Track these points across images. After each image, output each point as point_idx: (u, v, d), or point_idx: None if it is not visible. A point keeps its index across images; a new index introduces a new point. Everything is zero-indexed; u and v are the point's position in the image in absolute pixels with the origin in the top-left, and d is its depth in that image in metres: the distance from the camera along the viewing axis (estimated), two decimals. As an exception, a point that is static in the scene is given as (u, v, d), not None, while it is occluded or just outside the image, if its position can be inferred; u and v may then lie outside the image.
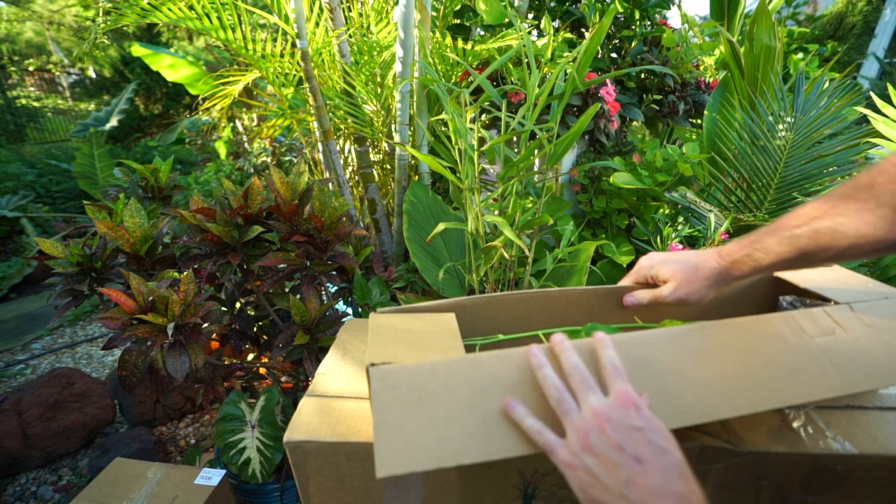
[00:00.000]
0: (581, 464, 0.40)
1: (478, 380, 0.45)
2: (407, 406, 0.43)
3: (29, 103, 6.06)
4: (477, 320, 0.66)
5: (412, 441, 0.41)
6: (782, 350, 0.50)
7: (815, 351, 0.50)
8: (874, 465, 0.49)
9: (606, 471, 0.39)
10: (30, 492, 1.58)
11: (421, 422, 0.42)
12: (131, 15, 1.54)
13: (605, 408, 0.42)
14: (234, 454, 1.23)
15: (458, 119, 1.14)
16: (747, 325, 0.52)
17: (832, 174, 1.59)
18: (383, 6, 1.87)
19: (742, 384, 0.47)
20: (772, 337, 0.51)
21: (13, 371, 2.26)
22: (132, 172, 1.62)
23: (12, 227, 3.45)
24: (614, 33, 1.96)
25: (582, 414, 0.42)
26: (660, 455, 0.39)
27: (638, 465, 0.39)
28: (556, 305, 0.67)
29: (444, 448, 0.41)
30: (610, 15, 1.13)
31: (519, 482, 0.54)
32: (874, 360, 0.49)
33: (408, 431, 0.41)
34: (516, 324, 0.67)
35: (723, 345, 0.49)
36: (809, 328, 0.52)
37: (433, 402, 0.43)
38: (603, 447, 0.40)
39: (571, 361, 0.46)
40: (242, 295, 1.43)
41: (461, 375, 0.45)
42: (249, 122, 4.07)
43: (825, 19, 5.46)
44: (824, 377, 0.48)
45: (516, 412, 0.43)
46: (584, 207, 1.89)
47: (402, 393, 0.43)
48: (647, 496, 0.37)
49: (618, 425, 0.41)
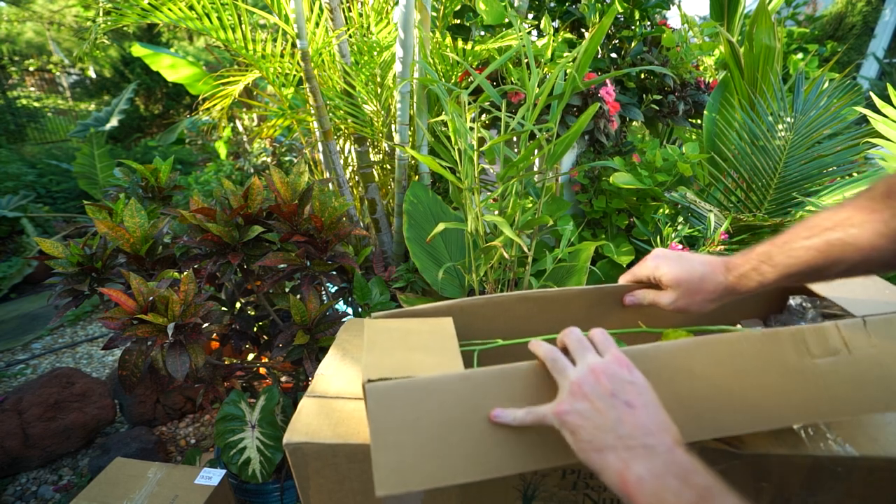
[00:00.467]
0: (573, 408, 0.43)
1: (472, 398, 0.45)
2: (404, 428, 0.44)
3: (29, 103, 6.06)
4: (475, 322, 0.65)
5: (409, 463, 0.42)
6: (779, 372, 0.49)
7: (814, 373, 0.49)
8: (875, 467, 0.49)
9: (598, 413, 0.42)
10: (30, 491, 1.58)
11: (417, 443, 0.43)
12: (131, 15, 1.54)
13: (602, 363, 0.45)
14: (234, 454, 1.23)
15: (458, 119, 1.14)
16: (751, 341, 0.50)
17: (832, 174, 1.59)
18: (383, 6, 1.87)
19: (731, 405, 0.47)
20: (772, 357, 0.49)
21: (13, 371, 2.26)
22: (132, 172, 1.61)
23: (13, 227, 3.45)
24: (614, 33, 1.96)
25: (578, 369, 0.45)
26: (649, 405, 0.42)
27: (628, 408, 0.41)
28: (555, 305, 0.67)
29: (440, 470, 0.42)
30: (610, 15, 1.13)
31: (519, 483, 0.54)
32: (867, 385, 0.48)
33: (405, 453, 0.43)
34: (515, 325, 0.66)
35: (720, 364, 0.49)
36: (815, 347, 0.50)
37: (429, 422, 0.44)
38: (596, 394, 0.43)
39: (572, 334, 0.49)
40: (242, 295, 1.43)
41: (457, 394, 0.45)
42: (249, 122, 4.07)
43: (825, 19, 5.46)
44: (815, 403, 0.48)
45: (504, 416, 0.45)
46: (584, 207, 1.89)
47: (399, 414, 0.44)
48: (636, 431, 0.40)
49: (613, 377, 0.44)
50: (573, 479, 0.53)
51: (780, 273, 0.51)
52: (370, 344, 0.54)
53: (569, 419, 0.42)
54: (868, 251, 0.44)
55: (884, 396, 0.48)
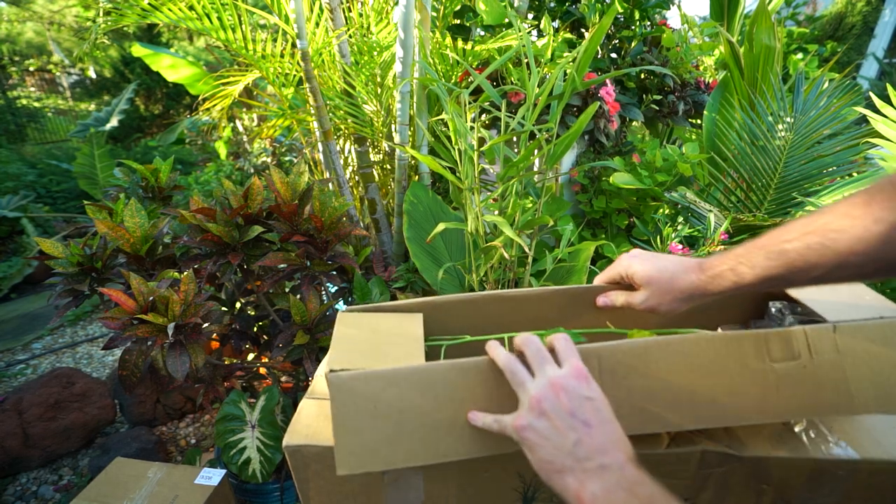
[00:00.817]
0: (530, 425, 0.44)
1: (431, 390, 0.48)
2: (364, 414, 0.46)
3: (29, 103, 6.06)
4: (447, 320, 0.66)
5: (368, 447, 0.46)
6: (737, 373, 0.50)
7: (768, 377, 0.50)
8: (877, 470, 0.49)
9: (557, 432, 0.43)
10: (30, 491, 1.58)
11: (375, 428, 0.46)
12: (132, 15, 1.54)
13: (562, 378, 0.45)
14: (234, 454, 1.23)
15: (458, 119, 1.14)
16: (712, 342, 0.51)
17: (831, 174, 1.59)
18: (383, 6, 1.86)
19: (683, 401, 0.49)
20: (731, 358, 0.50)
21: (14, 371, 2.26)
22: (132, 172, 1.61)
23: (13, 227, 3.45)
24: (614, 33, 1.96)
25: (537, 383, 0.46)
26: (605, 423, 0.44)
27: (586, 427, 0.43)
28: (528, 305, 0.67)
29: (395, 453, 0.46)
30: (610, 15, 1.13)
31: (518, 485, 0.54)
32: (820, 390, 0.49)
33: (364, 437, 0.46)
34: (487, 323, 0.67)
35: (676, 362, 0.49)
36: (776, 352, 0.50)
37: (387, 409, 0.47)
38: (556, 412, 0.44)
39: (531, 344, 0.49)
40: (242, 295, 1.43)
41: (416, 386, 0.48)
42: (249, 122, 4.07)
43: (825, 20, 5.45)
44: (769, 403, 0.49)
45: (476, 419, 0.48)
46: (583, 207, 1.89)
47: (359, 402, 0.47)
48: (593, 452, 0.42)
49: (572, 394, 0.44)
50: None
51: (757, 275, 0.50)
52: (338, 338, 0.57)
53: (528, 436, 0.44)
54: (846, 256, 0.44)
55: (841, 401, 0.49)
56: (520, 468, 0.53)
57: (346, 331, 0.59)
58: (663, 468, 0.51)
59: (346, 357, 0.53)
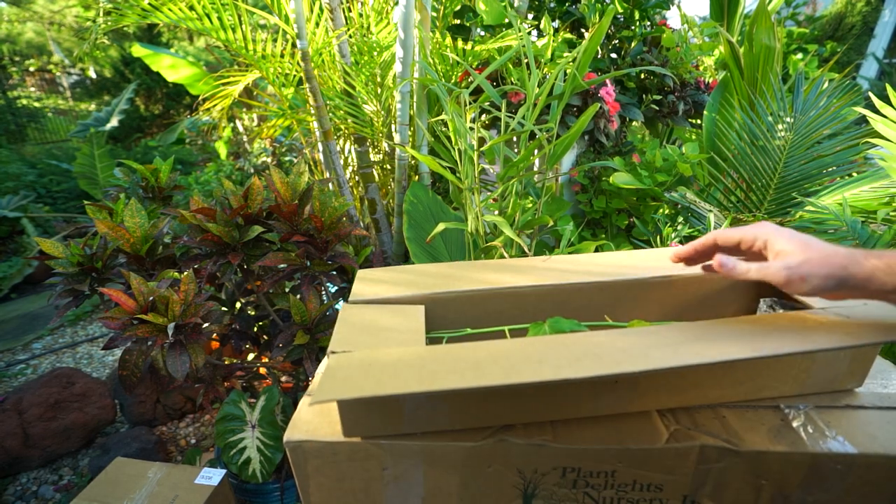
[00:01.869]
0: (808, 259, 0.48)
1: (427, 365, 0.47)
2: (355, 369, 0.47)
3: (30, 103, 6.06)
4: (447, 314, 0.67)
5: (352, 384, 0.45)
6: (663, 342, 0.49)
7: None
8: (874, 465, 0.49)
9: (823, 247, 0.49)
10: (30, 491, 1.58)
11: (365, 376, 0.46)
12: (132, 15, 1.55)
13: None
14: (234, 454, 1.23)
15: (458, 119, 1.14)
16: (670, 326, 0.52)
17: (831, 174, 1.59)
18: (383, 6, 1.87)
19: None
20: (668, 332, 0.51)
21: (14, 371, 2.26)
22: (132, 172, 1.62)
23: (13, 227, 3.46)
24: (614, 33, 1.96)
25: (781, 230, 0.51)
26: None
27: None
28: (527, 301, 0.68)
29: (378, 384, 0.44)
30: (609, 15, 1.13)
31: (518, 481, 0.54)
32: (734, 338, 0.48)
33: (351, 379, 0.45)
34: (488, 318, 0.68)
35: (623, 333, 0.51)
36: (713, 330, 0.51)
37: (381, 370, 0.47)
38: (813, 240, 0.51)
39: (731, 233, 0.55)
40: (243, 295, 1.43)
41: (412, 364, 0.48)
42: (249, 122, 4.08)
43: (824, 20, 5.46)
44: None
45: (730, 264, 0.51)
46: (584, 207, 1.90)
47: (353, 364, 0.48)
48: None
49: None
50: (573, 477, 0.53)
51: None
52: (341, 326, 0.59)
53: (803, 269, 0.47)
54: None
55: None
56: (519, 465, 0.53)
57: (349, 321, 0.61)
58: (662, 463, 0.51)
59: (347, 342, 0.55)
